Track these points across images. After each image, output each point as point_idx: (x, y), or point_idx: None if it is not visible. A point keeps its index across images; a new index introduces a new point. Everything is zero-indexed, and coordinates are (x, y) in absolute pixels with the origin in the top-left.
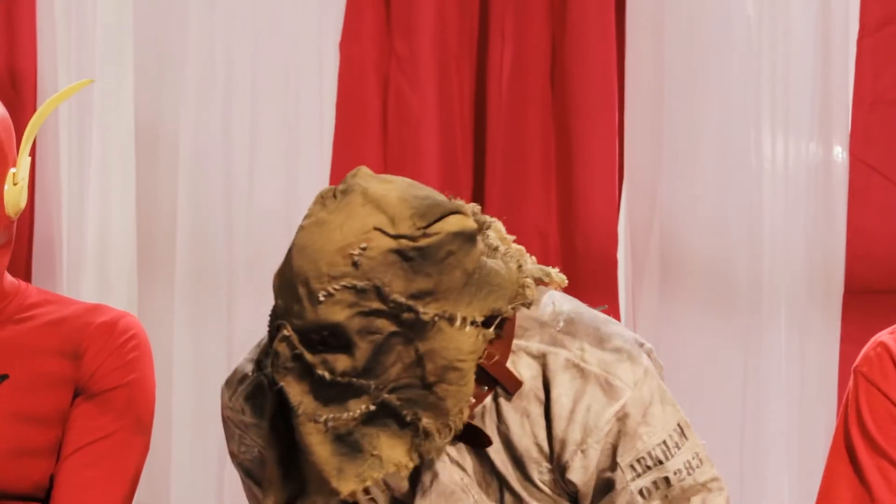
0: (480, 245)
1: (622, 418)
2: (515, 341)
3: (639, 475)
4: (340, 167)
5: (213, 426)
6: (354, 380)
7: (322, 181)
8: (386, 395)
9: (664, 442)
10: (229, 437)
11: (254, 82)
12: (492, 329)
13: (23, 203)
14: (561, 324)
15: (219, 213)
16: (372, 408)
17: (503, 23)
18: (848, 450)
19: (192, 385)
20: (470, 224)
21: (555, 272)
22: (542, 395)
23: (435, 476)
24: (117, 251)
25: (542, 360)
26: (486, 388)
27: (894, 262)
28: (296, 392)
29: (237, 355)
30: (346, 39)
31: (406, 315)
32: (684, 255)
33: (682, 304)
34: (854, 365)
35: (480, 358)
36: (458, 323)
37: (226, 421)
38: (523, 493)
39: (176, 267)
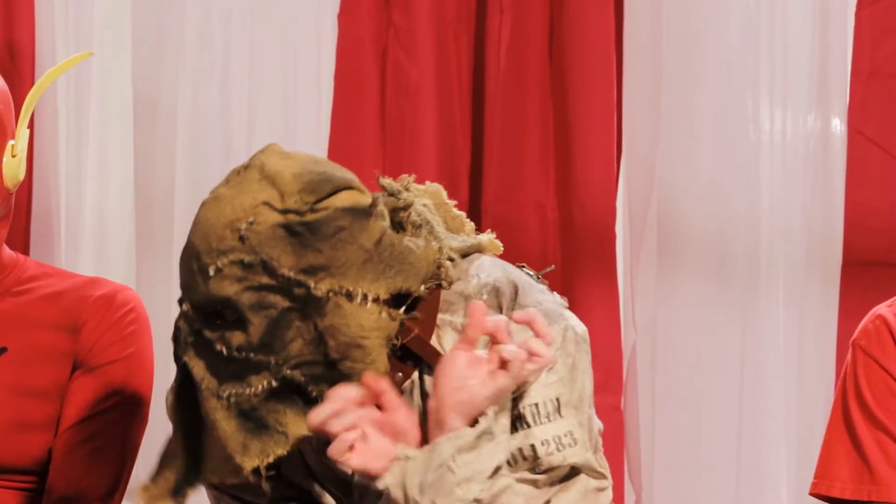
0: (382, 222)
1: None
2: (440, 315)
3: (516, 430)
4: (339, 139)
5: None
6: (252, 355)
7: (320, 153)
8: (288, 371)
9: (536, 405)
10: None
11: (252, 55)
12: (402, 309)
13: (21, 175)
14: (485, 296)
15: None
16: (274, 384)
17: None
18: (846, 423)
19: None
20: (362, 200)
21: (489, 240)
22: None
23: None
24: (115, 224)
25: None
26: (412, 364)
27: (893, 235)
28: (198, 368)
29: None
30: (344, 11)
31: (297, 290)
32: (682, 228)
33: (680, 276)
34: (852, 338)
35: (391, 335)
36: (357, 299)
37: None
38: None
39: (174, 240)
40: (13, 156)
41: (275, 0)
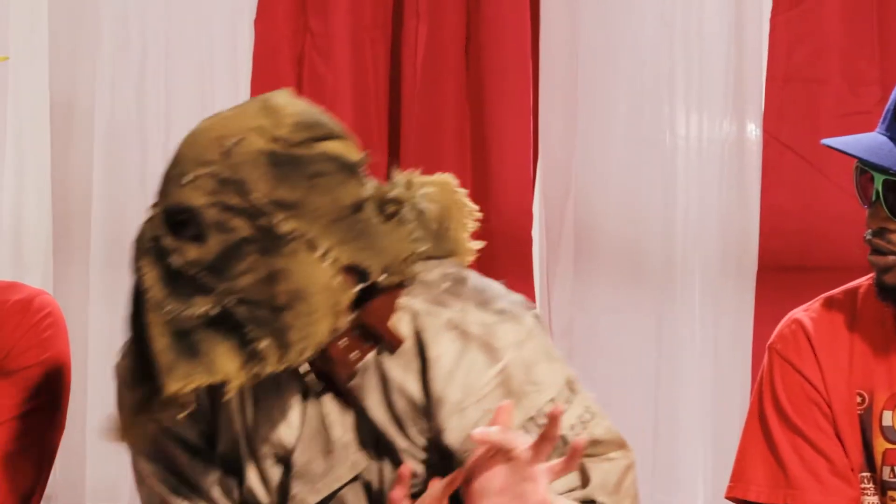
0: (364, 190)
1: (505, 380)
2: (400, 299)
3: (534, 435)
4: None
5: None
6: (201, 274)
7: None
8: (231, 304)
9: (553, 399)
10: None
11: (169, 59)
12: (355, 288)
13: None
14: (446, 284)
15: (134, 190)
16: (215, 311)
17: (417, 1)
18: (762, 427)
19: (108, 363)
20: (351, 154)
21: (466, 249)
22: (422, 353)
23: (315, 433)
24: (32, 229)
25: (423, 319)
26: (370, 343)
27: (807, 239)
28: (150, 276)
29: None
30: (260, 16)
31: (262, 220)
32: (599, 232)
33: (596, 280)
34: (769, 342)
35: (340, 305)
36: (318, 252)
37: None
38: (402, 452)
39: (91, 245)
40: None
41: (190, 4)
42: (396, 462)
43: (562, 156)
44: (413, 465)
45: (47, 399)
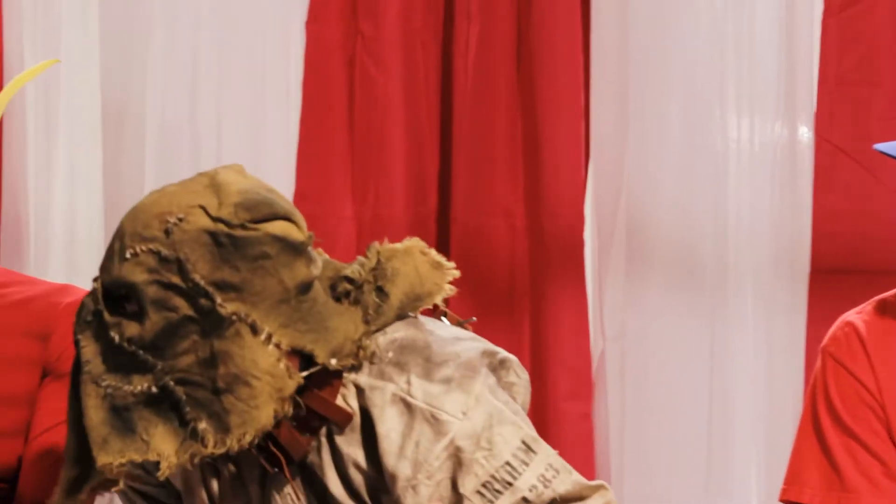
0: (311, 270)
1: (454, 452)
2: (346, 374)
3: (492, 502)
4: (307, 147)
5: None
6: (141, 352)
7: (289, 160)
8: (171, 383)
9: (508, 462)
10: None
11: (220, 63)
12: (302, 374)
13: None
14: (390, 354)
15: None
16: (154, 389)
17: (469, 2)
18: (816, 430)
19: None
20: (296, 235)
21: (441, 300)
22: (371, 430)
23: None
24: (85, 231)
25: (369, 394)
26: (318, 424)
27: (859, 242)
28: (89, 350)
29: None
30: (312, 19)
31: (203, 301)
32: (651, 234)
33: (648, 284)
34: (822, 345)
35: (283, 391)
36: (261, 336)
37: None
38: None
39: None
40: None
41: (243, 7)
42: None
43: (613, 158)
44: None
45: None
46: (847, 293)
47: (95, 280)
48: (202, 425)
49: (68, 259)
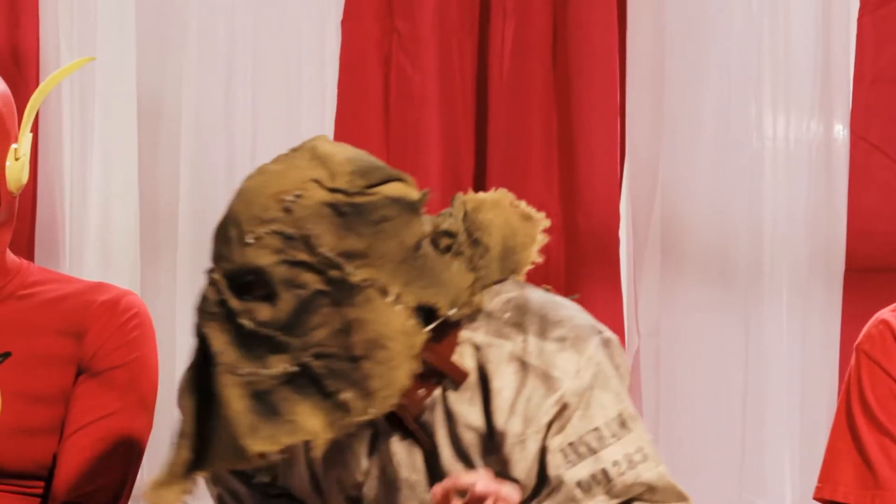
0: (424, 227)
1: (562, 408)
2: (463, 333)
3: (573, 463)
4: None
5: None
6: (276, 333)
7: None
8: (308, 359)
9: (598, 429)
10: None
11: (256, 60)
12: (427, 328)
13: (24, 179)
14: (508, 314)
15: (221, 191)
16: (293, 369)
17: (504, 0)
18: (850, 428)
19: None
20: (411, 193)
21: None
22: (485, 386)
23: (383, 473)
24: (120, 229)
25: (485, 352)
26: (434, 380)
27: (895, 241)
28: (218, 341)
29: None
30: (347, 17)
31: (333, 273)
32: (686, 232)
33: (683, 281)
34: (856, 343)
35: (415, 347)
36: (390, 297)
37: None
38: None
39: (178, 245)
40: (16, 159)
41: (278, 6)
42: None
43: (649, 156)
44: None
45: (135, 400)
46: (882, 292)
47: (212, 272)
48: (345, 395)
49: (103, 257)
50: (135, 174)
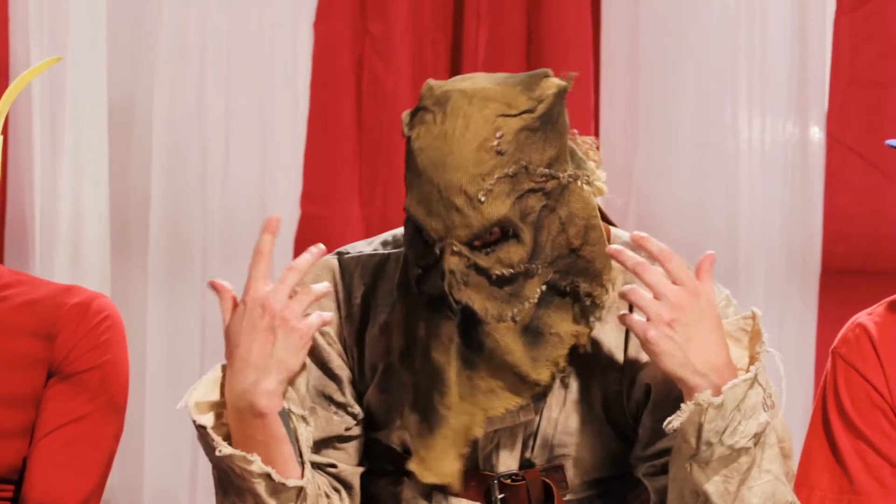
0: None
1: (728, 302)
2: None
3: (737, 340)
4: (315, 146)
5: None
6: (528, 266)
7: (297, 161)
8: (551, 273)
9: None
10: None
11: (228, 61)
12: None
13: None
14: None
15: (193, 192)
16: (543, 288)
17: (478, 1)
18: (826, 432)
19: (166, 366)
20: (562, 83)
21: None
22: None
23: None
24: (90, 231)
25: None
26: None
27: (871, 243)
28: (479, 302)
29: (211, 336)
30: (320, 19)
31: (549, 184)
32: (661, 234)
33: None
34: (832, 346)
35: (598, 217)
36: (580, 181)
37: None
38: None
39: (150, 247)
40: None
41: (251, 7)
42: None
43: (624, 159)
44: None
45: (105, 403)
46: (858, 293)
47: (449, 246)
48: (581, 286)
49: (74, 259)
50: (106, 175)
